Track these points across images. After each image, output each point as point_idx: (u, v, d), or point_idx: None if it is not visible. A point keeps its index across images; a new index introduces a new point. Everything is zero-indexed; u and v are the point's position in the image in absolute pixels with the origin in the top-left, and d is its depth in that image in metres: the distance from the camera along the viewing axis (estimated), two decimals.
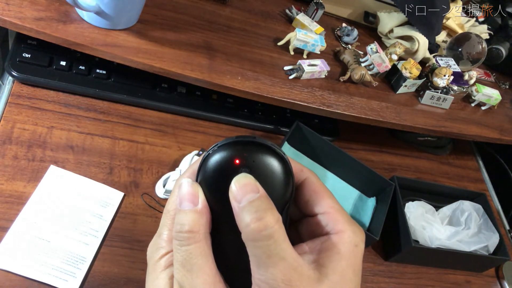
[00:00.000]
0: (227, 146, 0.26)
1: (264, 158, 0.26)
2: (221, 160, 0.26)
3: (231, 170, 0.25)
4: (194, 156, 0.53)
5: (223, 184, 0.25)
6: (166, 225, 0.28)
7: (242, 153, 0.26)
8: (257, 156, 0.26)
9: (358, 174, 0.63)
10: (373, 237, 0.54)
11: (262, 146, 0.26)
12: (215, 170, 0.26)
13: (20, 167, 0.47)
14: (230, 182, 0.25)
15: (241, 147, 0.26)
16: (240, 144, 0.26)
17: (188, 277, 0.25)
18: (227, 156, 0.26)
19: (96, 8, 0.48)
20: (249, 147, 0.26)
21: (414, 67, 0.67)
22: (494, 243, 0.62)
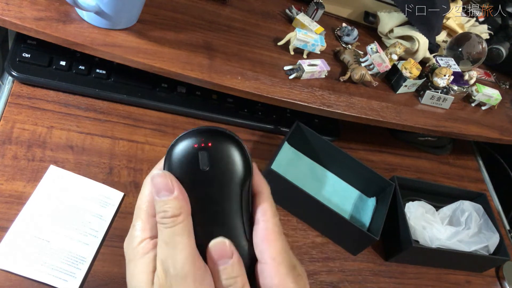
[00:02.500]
0: (186, 136, 0.30)
1: (220, 141, 0.30)
2: (182, 147, 0.30)
3: (191, 154, 0.30)
4: None
5: (188, 167, 0.30)
6: (139, 217, 0.31)
7: (199, 138, 0.30)
8: (213, 139, 0.30)
9: (358, 174, 0.63)
10: (373, 237, 0.54)
11: (217, 131, 0.30)
12: (178, 157, 0.30)
13: (20, 167, 0.47)
14: (193, 164, 0.29)
15: (198, 135, 0.30)
16: (197, 132, 0.30)
17: (171, 254, 0.27)
18: (187, 143, 0.30)
19: (96, 8, 0.48)
20: (205, 133, 0.30)
21: (414, 67, 0.67)
22: (495, 243, 0.62)
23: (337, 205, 0.61)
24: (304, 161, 0.65)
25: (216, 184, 0.30)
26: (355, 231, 0.55)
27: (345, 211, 0.62)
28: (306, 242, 0.56)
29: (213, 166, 0.30)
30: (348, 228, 0.55)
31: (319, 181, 0.63)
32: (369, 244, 0.57)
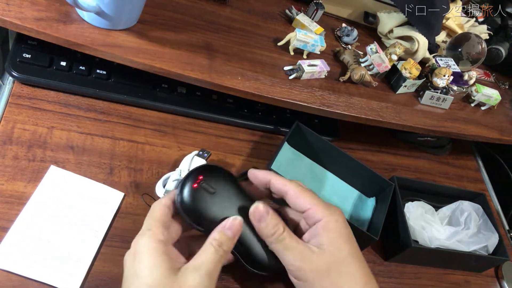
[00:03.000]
0: (182, 188, 0.42)
1: (204, 171, 0.43)
2: (189, 194, 0.42)
3: (199, 192, 0.42)
4: (194, 157, 0.53)
5: (206, 199, 0.42)
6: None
7: (193, 179, 0.42)
8: (208, 174, 0.43)
9: (358, 174, 0.63)
10: (373, 237, 0.54)
11: (209, 167, 0.45)
12: (188, 193, 0.42)
13: (21, 167, 0.47)
14: (207, 196, 0.42)
15: (189, 178, 0.42)
16: (194, 171, 0.43)
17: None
18: (190, 182, 0.42)
19: (97, 8, 0.49)
20: (201, 170, 0.43)
21: (414, 67, 0.67)
22: (494, 243, 0.62)
23: (337, 205, 0.61)
24: (304, 161, 0.65)
25: (228, 192, 0.43)
26: (355, 231, 0.55)
27: (344, 211, 0.62)
28: None
29: (216, 186, 0.43)
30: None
31: (318, 181, 0.64)
32: (369, 244, 0.57)
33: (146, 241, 0.38)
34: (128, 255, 0.39)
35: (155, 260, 0.37)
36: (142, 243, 0.38)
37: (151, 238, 0.38)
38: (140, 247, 0.38)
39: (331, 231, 0.42)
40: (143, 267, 0.37)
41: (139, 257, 0.37)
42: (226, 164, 0.59)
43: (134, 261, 0.37)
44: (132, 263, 0.37)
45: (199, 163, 0.53)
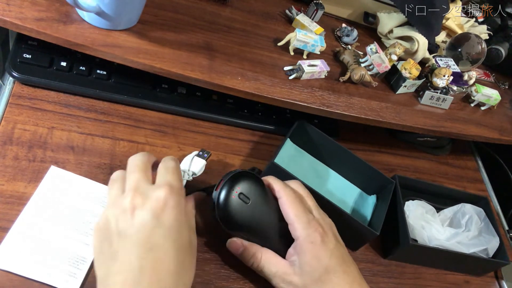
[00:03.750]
0: (223, 187, 0.45)
1: (242, 181, 0.46)
2: (226, 197, 0.45)
3: (236, 201, 0.45)
4: (195, 157, 0.53)
5: (243, 210, 0.45)
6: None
7: (233, 188, 0.45)
8: (238, 183, 0.46)
9: (359, 171, 0.63)
10: (374, 232, 0.54)
11: (242, 174, 0.46)
12: (227, 203, 0.45)
13: (21, 167, 0.47)
14: (243, 207, 0.45)
15: (230, 184, 0.45)
16: (230, 181, 0.46)
17: None
18: (227, 192, 0.45)
19: (97, 8, 0.49)
20: (236, 179, 0.46)
21: (414, 68, 0.67)
22: (494, 247, 0.62)
23: (338, 202, 0.62)
24: (306, 158, 0.65)
25: (260, 204, 0.46)
26: (355, 226, 0.55)
27: (345, 208, 0.62)
28: None
29: (251, 197, 0.46)
30: (349, 223, 0.55)
31: (320, 178, 0.64)
32: (369, 240, 0.57)
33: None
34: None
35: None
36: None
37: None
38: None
39: (305, 253, 0.44)
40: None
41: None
42: (226, 164, 0.59)
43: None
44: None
45: (199, 163, 0.53)
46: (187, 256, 0.40)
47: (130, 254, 0.36)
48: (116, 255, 0.37)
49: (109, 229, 0.38)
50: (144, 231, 0.37)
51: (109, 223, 0.39)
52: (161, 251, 0.37)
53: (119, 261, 0.36)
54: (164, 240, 0.37)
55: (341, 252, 0.46)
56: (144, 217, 0.37)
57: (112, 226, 0.38)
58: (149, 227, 0.37)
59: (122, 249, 0.37)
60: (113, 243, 0.37)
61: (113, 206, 0.40)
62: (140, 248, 0.36)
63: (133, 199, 0.38)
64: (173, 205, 0.39)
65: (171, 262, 0.37)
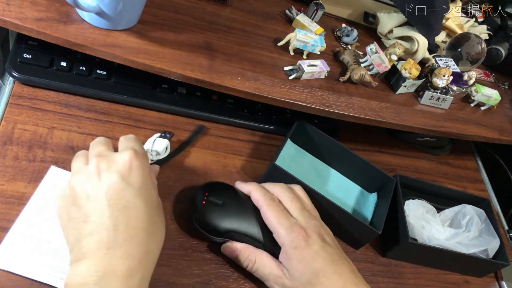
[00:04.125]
0: (194, 198, 0.49)
1: (208, 187, 0.50)
2: (198, 205, 0.48)
3: (208, 205, 0.48)
4: (157, 138, 0.54)
5: (218, 211, 0.48)
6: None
7: (200, 197, 0.48)
8: (205, 191, 0.49)
9: (360, 170, 0.64)
10: (375, 231, 0.54)
11: (210, 184, 0.51)
12: (200, 210, 0.48)
13: (21, 167, 0.47)
14: (217, 207, 0.48)
15: (201, 191, 0.49)
16: (198, 190, 0.49)
17: None
18: (199, 200, 0.48)
19: (97, 8, 0.49)
20: (204, 188, 0.49)
21: (414, 68, 0.67)
22: (494, 248, 0.62)
23: (339, 200, 0.62)
24: (307, 157, 0.65)
25: (233, 201, 0.49)
26: (357, 225, 0.55)
27: (347, 206, 0.62)
28: None
29: (222, 197, 0.49)
30: (351, 222, 0.55)
31: (321, 177, 0.64)
32: (371, 238, 0.57)
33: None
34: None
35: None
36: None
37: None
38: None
39: (291, 259, 0.45)
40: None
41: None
42: (226, 164, 0.59)
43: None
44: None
45: (162, 143, 0.53)
46: (157, 215, 0.41)
47: (101, 215, 0.37)
48: (87, 217, 0.37)
49: (76, 195, 0.39)
50: (113, 191, 0.38)
51: (75, 189, 0.39)
52: (133, 209, 0.38)
53: (91, 223, 0.37)
54: (135, 199, 0.38)
55: (329, 253, 0.45)
56: (112, 178, 0.39)
57: (78, 191, 0.39)
58: (118, 187, 0.38)
59: (92, 210, 0.38)
60: (81, 207, 0.38)
61: (78, 174, 0.40)
62: (112, 208, 0.37)
63: (98, 164, 0.39)
64: (138, 166, 0.40)
65: (144, 219, 0.38)
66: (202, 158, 0.58)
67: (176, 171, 0.55)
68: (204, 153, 0.58)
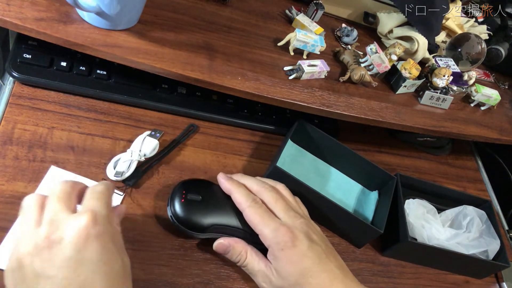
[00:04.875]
0: (172, 205, 0.47)
1: (185, 185, 0.49)
2: (177, 203, 0.47)
3: (188, 202, 0.48)
4: (146, 137, 0.54)
5: (196, 208, 0.48)
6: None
7: (179, 195, 0.48)
8: (182, 188, 0.48)
9: (360, 168, 0.64)
10: (378, 230, 0.55)
11: (176, 187, 0.49)
12: (179, 207, 0.47)
13: (21, 167, 0.47)
14: (196, 204, 0.48)
15: (175, 194, 0.48)
16: (172, 197, 0.48)
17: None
18: (178, 204, 0.47)
19: (97, 8, 0.49)
20: (174, 193, 0.48)
21: (414, 68, 0.67)
22: (495, 249, 0.62)
23: (341, 199, 0.62)
24: (307, 157, 0.65)
25: (212, 196, 0.49)
26: (359, 224, 0.55)
27: (348, 205, 0.62)
28: None
29: (200, 193, 0.49)
30: (352, 222, 0.56)
31: (322, 176, 0.64)
32: (373, 237, 0.57)
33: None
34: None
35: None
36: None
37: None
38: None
39: (278, 260, 0.45)
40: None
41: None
42: (226, 164, 0.59)
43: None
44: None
45: (151, 143, 0.53)
46: (123, 284, 0.36)
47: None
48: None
49: (23, 272, 0.33)
50: (67, 270, 0.32)
51: (22, 265, 0.33)
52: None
53: None
54: (93, 276, 0.33)
55: (316, 252, 0.45)
56: (66, 253, 0.32)
57: (26, 268, 0.33)
58: (74, 264, 0.32)
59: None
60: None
61: (25, 244, 0.33)
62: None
63: (50, 234, 0.33)
64: (96, 234, 0.34)
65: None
66: (202, 158, 0.58)
67: (176, 171, 0.55)
68: (204, 153, 0.58)
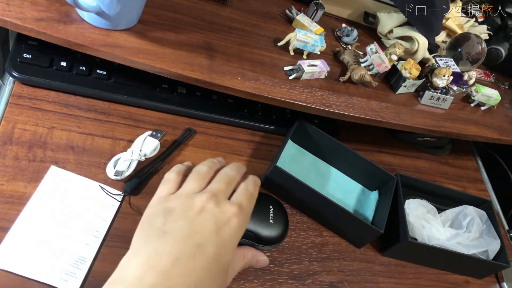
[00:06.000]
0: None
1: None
2: None
3: None
4: (147, 137, 0.54)
5: None
6: None
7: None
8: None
9: (360, 168, 0.64)
10: (378, 230, 0.55)
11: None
12: None
13: (21, 167, 0.47)
14: None
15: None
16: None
17: None
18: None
19: (97, 8, 0.49)
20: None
21: (414, 68, 0.67)
22: (495, 249, 0.61)
23: (341, 199, 0.62)
24: (307, 157, 0.65)
25: None
26: (359, 224, 0.55)
27: (348, 205, 0.62)
28: (306, 242, 0.56)
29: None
30: (353, 222, 0.56)
31: (322, 176, 0.64)
32: (373, 237, 0.57)
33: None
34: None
35: None
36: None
37: None
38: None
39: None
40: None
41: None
42: (226, 164, 0.59)
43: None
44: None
45: (151, 143, 0.53)
46: (219, 276, 0.40)
47: (173, 243, 0.37)
48: (163, 235, 0.38)
49: (171, 210, 0.40)
50: (199, 232, 0.38)
51: (172, 205, 0.41)
52: (203, 259, 0.37)
53: (161, 243, 0.37)
54: (211, 249, 0.38)
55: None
56: (206, 221, 0.39)
57: (175, 208, 0.40)
58: (206, 232, 0.39)
59: (171, 234, 0.38)
60: (166, 223, 0.39)
61: (186, 197, 0.42)
62: (187, 244, 0.37)
63: (207, 203, 0.40)
64: (235, 226, 0.41)
65: (205, 273, 0.37)
66: (202, 158, 0.58)
67: None
68: (204, 153, 0.58)
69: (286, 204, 0.58)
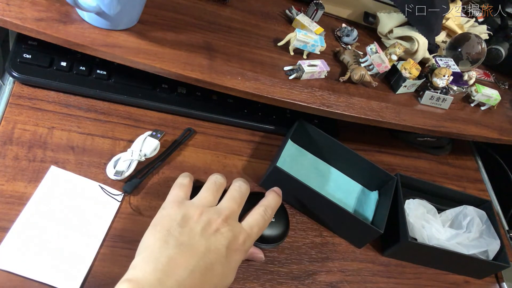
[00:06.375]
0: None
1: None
2: None
3: None
4: (147, 137, 0.54)
5: None
6: None
7: None
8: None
9: (360, 168, 0.64)
10: (378, 230, 0.55)
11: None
12: None
13: (21, 167, 0.47)
14: None
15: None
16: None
17: None
18: None
19: (97, 8, 0.49)
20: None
21: (414, 68, 0.67)
22: (495, 250, 0.61)
23: (341, 199, 0.62)
24: (307, 157, 0.65)
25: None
26: (359, 224, 0.55)
27: (348, 205, 0.62)
28: (306, 242, 0.56)
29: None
30: (353, 222, 0.56)
31: (322, 176, 0.64)
32: (373, 237, 0.58)
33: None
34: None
35: None
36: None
37: None
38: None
39: None
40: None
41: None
42: (226, 164, 0.59)
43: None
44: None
45: (151, 143, 0.53)
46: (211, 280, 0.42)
47: (190, 257, 0.40)
48: (181, 246, 0.40)
49: (187, 219, 0.42)
50: (213, 252, 0.41)
51: (190, 213, 0.43)
52: (212, 276, 0.40)
53: (179, 254, 0.39)
54: (219, 269, 0.41)
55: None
56: (220, 244, 0.42)
57: (192, 218, 0.42)
58: (218, 254, 0.41)
59: (188, 247, 0.40)
60: (183, 233, 0.41)
61: (202, 209, 0.44)
62: (201, 260, 0.40)
63: (222, 225, 0.43)
64: (242, 252, 0.43)
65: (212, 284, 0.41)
66: (202, 158, 0.58)
67: (176, 172, 0.55)
68: (204, 153, 0.58)
69: (286, 204, 0.58)
